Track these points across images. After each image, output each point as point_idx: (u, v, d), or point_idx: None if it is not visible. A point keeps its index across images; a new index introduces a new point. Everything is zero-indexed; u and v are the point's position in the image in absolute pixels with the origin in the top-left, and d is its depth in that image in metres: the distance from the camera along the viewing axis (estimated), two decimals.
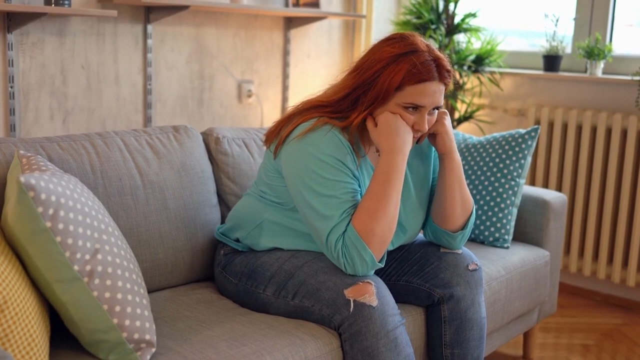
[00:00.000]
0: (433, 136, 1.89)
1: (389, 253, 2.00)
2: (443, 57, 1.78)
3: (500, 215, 2.47)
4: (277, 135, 1.84)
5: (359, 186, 1.80)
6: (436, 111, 1.82)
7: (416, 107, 1.76)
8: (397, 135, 1.75)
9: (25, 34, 2.56)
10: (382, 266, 1.79)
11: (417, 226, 1.96)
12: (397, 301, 1.88)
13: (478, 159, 2.54)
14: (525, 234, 2.62)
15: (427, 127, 1.79)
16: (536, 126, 2.54)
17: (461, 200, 1.90)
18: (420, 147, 1.98)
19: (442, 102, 1.79)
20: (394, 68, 1.73)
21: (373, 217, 1.70)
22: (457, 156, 1.89)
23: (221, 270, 1.99)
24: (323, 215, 1.72)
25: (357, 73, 1.80)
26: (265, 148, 1.98)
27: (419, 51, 1.75)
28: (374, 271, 1.77)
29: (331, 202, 1.72)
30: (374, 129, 1.78)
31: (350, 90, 1.79)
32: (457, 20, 3.64)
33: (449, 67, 1.77)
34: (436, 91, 1.76)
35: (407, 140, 1.76)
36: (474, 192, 2.51)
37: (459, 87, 3.64)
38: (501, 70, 3.61)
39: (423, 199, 1.96)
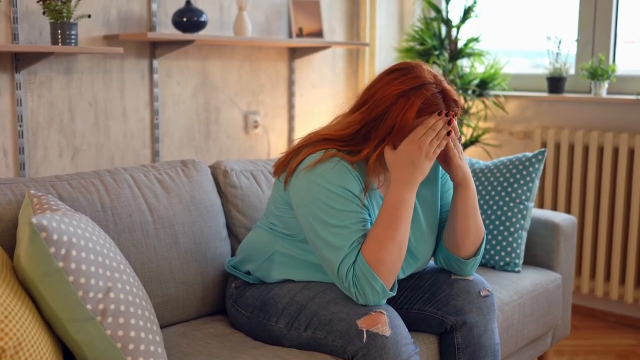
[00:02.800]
0: (448, 165, 1.89)
1: (400, 281, 2.00)
2: (450, 88, 1.79)
3: (510, 239, 2.47)
4: (286, 167, 1.84)
5: (369, 215, 1.80)
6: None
7: None
8: (413, 169, 1.75)
9: (33, 73, 2.59)
10: (394, 294, 1.79)
11: (428, 253, 1.96)
12: (409, 329, 1.87)
13: (486, 183, 2.54)
14: (535, 257, 2.61)
15: (457, 129, 1.81)
16: (543, 149, 2.54)
17: (475, 229, 1.90)
18: (429, 175, 1.98)
19: (456, 126, 1.81)
20: (405, 103, 1.73)
21: (382, 246, 1.70)
22: (473, 185, 1.89)
23: (233, 303, 1.99)
24: (333, 246, 1.72)
25: (367, 109, 1.79)
26: (274, 179, 1.98)
27: (426, 84, 1.75)
28: (385, 300, 1.76)
29: (341, 232, 1.72)
30: (392, 154, 1.77)
31: (360, 127, 1.79)
32: (460, 45, 3.66)
33: (456, 97, 1.79)
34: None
35: (423, 174, 1.77)
36: (483, 217, 2.50)
37: (464, 111, 3.65)
38: (505, 93, 3.63)
39: (432, 225, 1.96)
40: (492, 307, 1.94)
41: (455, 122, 1.80)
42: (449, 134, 1.77)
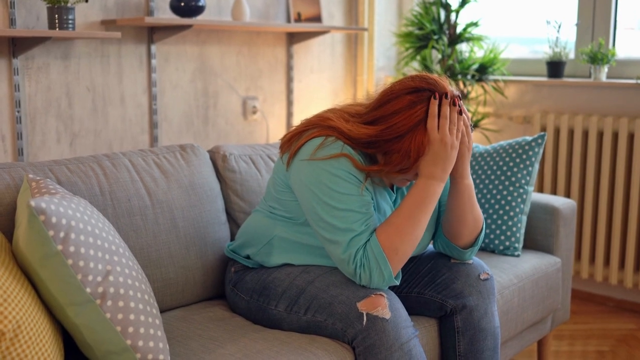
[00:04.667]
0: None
1: None
2: (458, 95, 1.78)
3: (510, 223, 2.47)
4: (289, 147, 1.83)
5: (372, 198, 1.79)
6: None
7: None
8: (443, 164, 1.73)
9: (30, 59, 2.57)
10: (397, 284, 1.79)
11: (427, 237, 1.96)
12: (409, 313, 1.87)
13: (485, 167, 2.54)
14: (535, 242, 2.61)
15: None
16: (542, 133, 2.53)
17: (472, 220, 1.89)
18: None
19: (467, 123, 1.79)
20: (422, 130, 1.72)
21: (401, 236, 1.70)
22: (470, 180, 1.87)
23: (232, 287, 1.99)
24: (339, 229, 1.71)
25: (382, 129, 1.73)
26: (275, 160, 1.97)
27: (442, 103, 1.74)
28: (388, 287, 1.76)
29: (348, 215, 1.71)
30: (428, 149, 1.74)
31: (371, 140, 1.74)
32: (459, 30, 3.65)
33: (458, 95, 1.78)
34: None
35: (452, 164, 1.75)
36: (483, 201, 2.50)
37: (463, 96, 3.64)
38: (505, 78, 3.62)
39: (434, 211, 1.96)
40: (492, 290, 1.94)
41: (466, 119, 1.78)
42: (460, 113, 1.76)
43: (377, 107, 1.77)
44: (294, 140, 1.82)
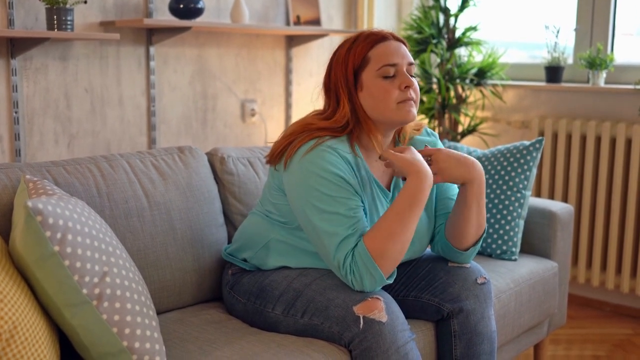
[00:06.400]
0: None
1: (397, 268, 1.99)
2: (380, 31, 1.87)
3: (507, 227, 2.47)
4: (281, 156, 1.84)
5: (362, 202, 1.79)
6: (415, 78, 1.84)
7: (392, 71, 1.80)
8: (420, 161, 1.75)
9: (28, 59, 2.57)
10: (391, 282, 1.79)
11: (425, 239, 1.96)
12: (406, 316, 1.86)
13: (483, 172, 2.54)
14: (532, 246, 2.61)
15: (414, 83, 1.81)
16: (540, 137, 2.54)
17: (477, 223, 1.89)
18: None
19: (412, 58, 1.84)
20: (353, 52, 1.82)
21: (390, 239, 1.68)
22: (481, 180, 1.86)
23: (229, 290, 1.99)
24: (327, 232, 1.71)
25: (328, 83, 1.89)
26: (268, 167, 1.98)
27: (363, 31, 1.85)
28: (381, 286, 1.76)
29: (333, 218, 1.71)
30: (398, 156, 1.76)
31: (335, 102, 1.86)
32: (457, 34, 3.65)
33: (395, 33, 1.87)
34: (399, 48, 1.82)
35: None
36: None
37: (461, 100, 3.64)
38: (503, 82, 3.62)
39: (431, 212, 1.96)
40: (489, 294, 1.94)
41: (409, 55, 1.85)
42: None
43: (327, 85, 1.90)
44: (285, 148, 1.82)
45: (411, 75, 1.82)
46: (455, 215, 1.90)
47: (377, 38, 1.81)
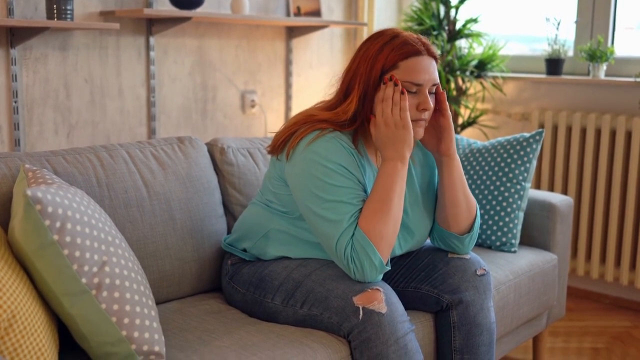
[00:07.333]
0: (434, 139, 1.89)
1: (397, 260, 1.99)
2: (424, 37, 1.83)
3: (507, 219, 2.47)
4: (284, 146, 1.83)
5: (365, 191, 1.80)
6: (434, 95, 1.83)
7: (414, 89, 1.77)
8: (394, 144, 1.75)
9: (28, 49, 2.57)
10: (389, 269, 1.79)
11: (425, 230, 1.96)
12: (406, 308, 1.87)
13: (483, 163, 2.54)
14: (532, 238, 2.61)
15: (431, 106, 1.80)
16: (540, 130, 2.53)
17: (465, 201, 1.90)
18: (426, 157, 1.99)
19: (438, 79, 1.81)
20: (384, 54, 1.77)
21: (379, 217, 1.70)
22: (457, 156, 1.90)
23: (229, 280, 1.99)
24: (330, 220, 1.71)
25: (347, 74, 1.82)
26: (269, 157, 1.98)
27: (401, 34, 1.79)
28: (382, 276, 1.76)
29: (337, 207, 1.72)
30: (375, 137, 1.78)
31: (344, 95, 1.82)
32: (458, 26, 3.64)
33: (429, 42, 1.82)
34: (429, 65, 1.79)
35: (408, 144, 1.76)
36: (480, 196, 2.50)
37: (462, 92, 3.64)
38: (504, 75, 3.61)
39: (430, 203, 1.97)
40: (488, 286, 1.94)
41: (437, 75, 1.81)
42: (402, 92, 1.76)
43: (346, 68, 1.84)
44: (287, 140, 1.82)
45: (430, 93, 1.82)
46: (441, 198, 1.91)
47: (412, 51, 1.76)
